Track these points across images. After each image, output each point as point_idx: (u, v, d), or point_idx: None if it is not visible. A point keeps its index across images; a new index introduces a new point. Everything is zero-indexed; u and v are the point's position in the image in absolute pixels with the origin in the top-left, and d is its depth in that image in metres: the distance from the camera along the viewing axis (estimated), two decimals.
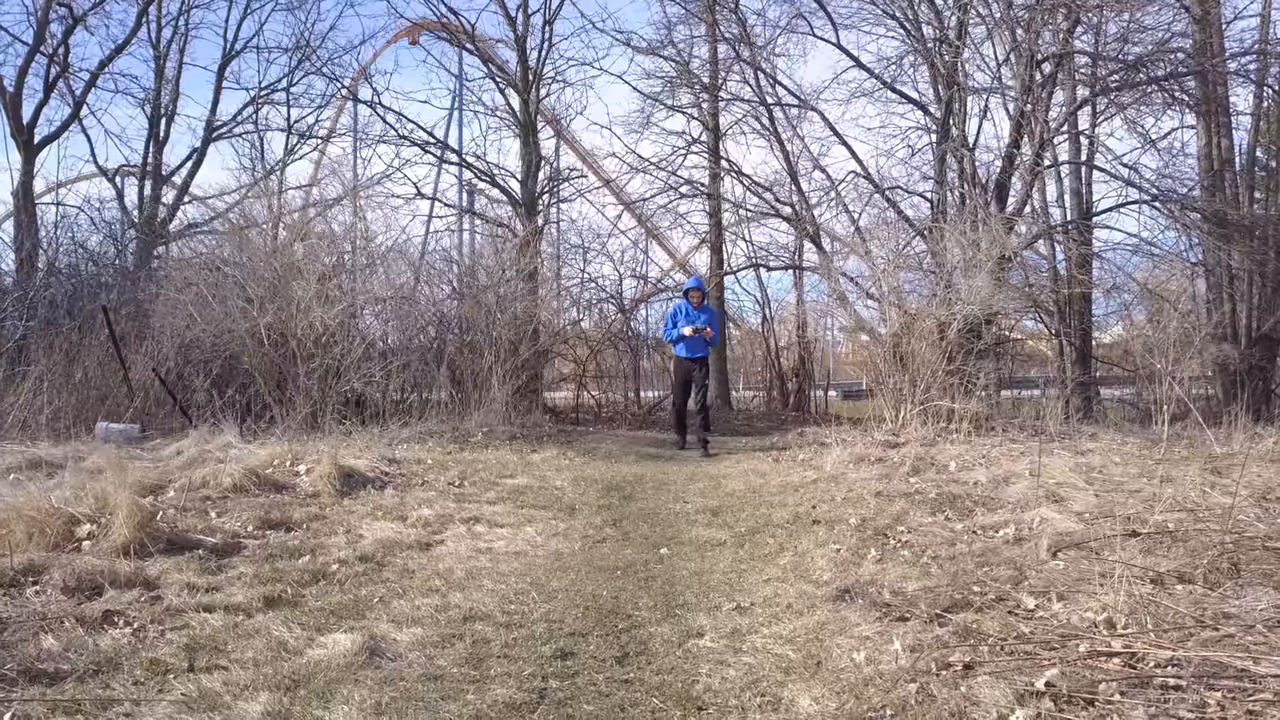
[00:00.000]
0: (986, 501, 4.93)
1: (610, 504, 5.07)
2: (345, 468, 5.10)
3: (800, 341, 16.02)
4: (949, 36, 11.30)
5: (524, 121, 14.03)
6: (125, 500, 3.12)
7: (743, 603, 3.07)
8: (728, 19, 13.71)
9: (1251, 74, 12.56)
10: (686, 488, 5.63)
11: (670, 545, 4.14)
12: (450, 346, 10.03)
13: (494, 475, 5.70)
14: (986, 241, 9.33)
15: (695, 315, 9.05)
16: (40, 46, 13.06)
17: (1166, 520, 4.21)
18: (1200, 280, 13.95)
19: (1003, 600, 2.81)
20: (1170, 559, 3.38)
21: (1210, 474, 5.80)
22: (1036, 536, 3.90)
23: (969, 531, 4.23)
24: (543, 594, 3.12)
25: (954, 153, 11.70)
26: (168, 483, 4.63)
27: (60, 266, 12.48)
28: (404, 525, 4.20)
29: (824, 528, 4.44)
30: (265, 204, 14.45)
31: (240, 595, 2.80)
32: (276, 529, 3.98)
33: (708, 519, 4.75)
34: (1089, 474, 5.66)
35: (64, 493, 4.03)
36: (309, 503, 4.55)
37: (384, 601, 2.93)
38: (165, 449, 6.22)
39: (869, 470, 5.86)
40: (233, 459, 5.33)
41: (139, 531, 3.08)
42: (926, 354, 8.85)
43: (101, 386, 8.46)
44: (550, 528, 4.40)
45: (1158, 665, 2.10)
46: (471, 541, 3.94)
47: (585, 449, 7.88)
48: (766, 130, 13.62)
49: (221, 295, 8.82)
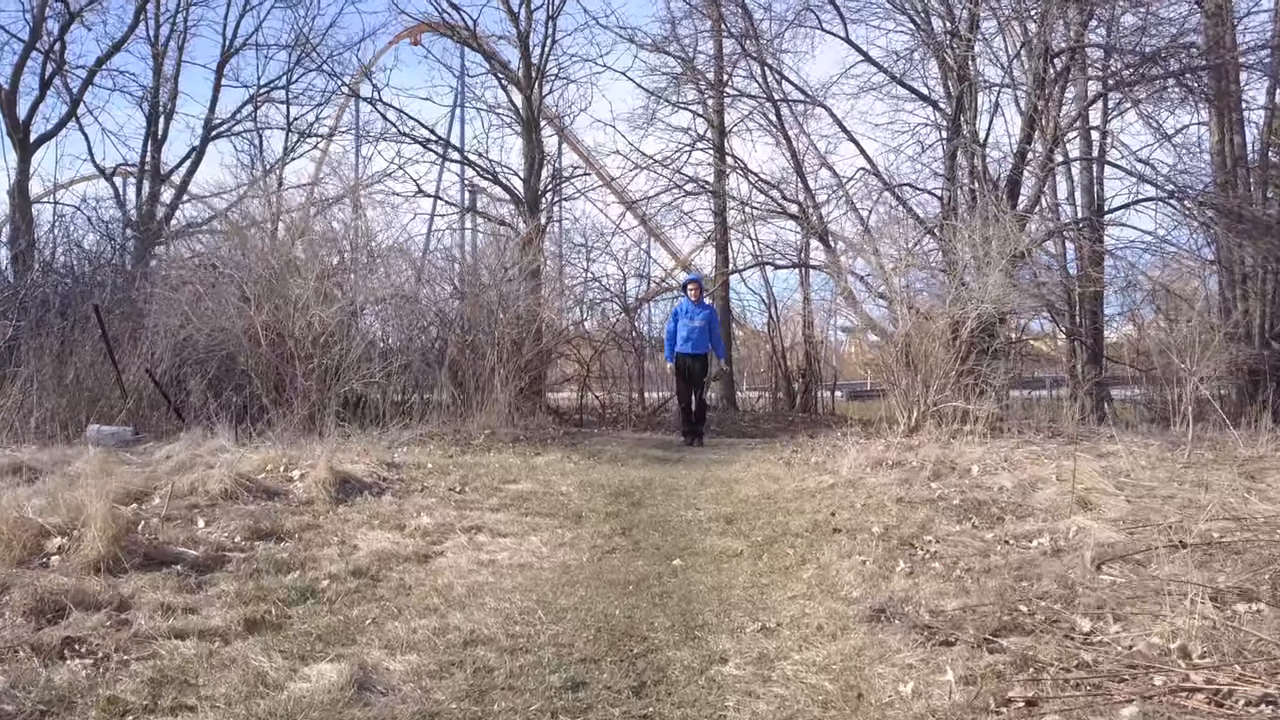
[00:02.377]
0: (1014, 508, 4.69)
1: (619, 511, 4.82)
2: (341, 473, 4.86)
3: (807, 341, 15.78)
4: (960, 30, 11.05)
5: (526, 119, 13.80)
6: (101, 511, 2.89)
7: (768, 623, 2.82)
8: (734, 13, 13.47)
9: (1267, 68, 12.32)
10: (698, 493, 5.39)
11: (684, 556, 3.90)
12: (452, 346, 9.79)
13: (497, 480, 5.45)
14: (999, 239, 9.09)
15: (695, 311, 9.06)
16: (36, 43, 12.83)
17: (1211, 529, 3.97)
18: (1212, 278, 13.70)
19: (1055, 622, 2.57)
20: (1227, 573, 3.13)
21: (1244, 479, 5.56)
22: (1076, 548, 3.66)
23: (1001, 541, 3.99)
24: (550, 613, 2.87)
25: (965, 149, 11.45)
26: (154, 489, 4.39)
27: (55, 265, 12.27)
28: (402, 535, 3.96)
29: (846, 537, 4.20)
30: (264, 202, 14.25)
31: (219, 618, 2.55)
32: (266, 539, 3.74)
33: (722, 527, 4.50)
34: (1117, 479, 5.41)
35: (39, 501, 3.80)
36: (302, 511, 4.31)
37: (377, 623, 2.68)
38: (156, 453, 5.97)
39: (888, 475, 5.62)
40: (224, 464, 5.08)
41: (113, 545, 2.84)
42: (939, 354, 8.64)
43: (94, 388, 8.22)
44: (556, 537, 4.16)
45: (1250, 703, 1.86)
46: (473, 553, 3.70)
47: (590, 451, 7.65)
48: (773, 127, 13.38)
49: (217, 294, 8.59)
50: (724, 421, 13.47)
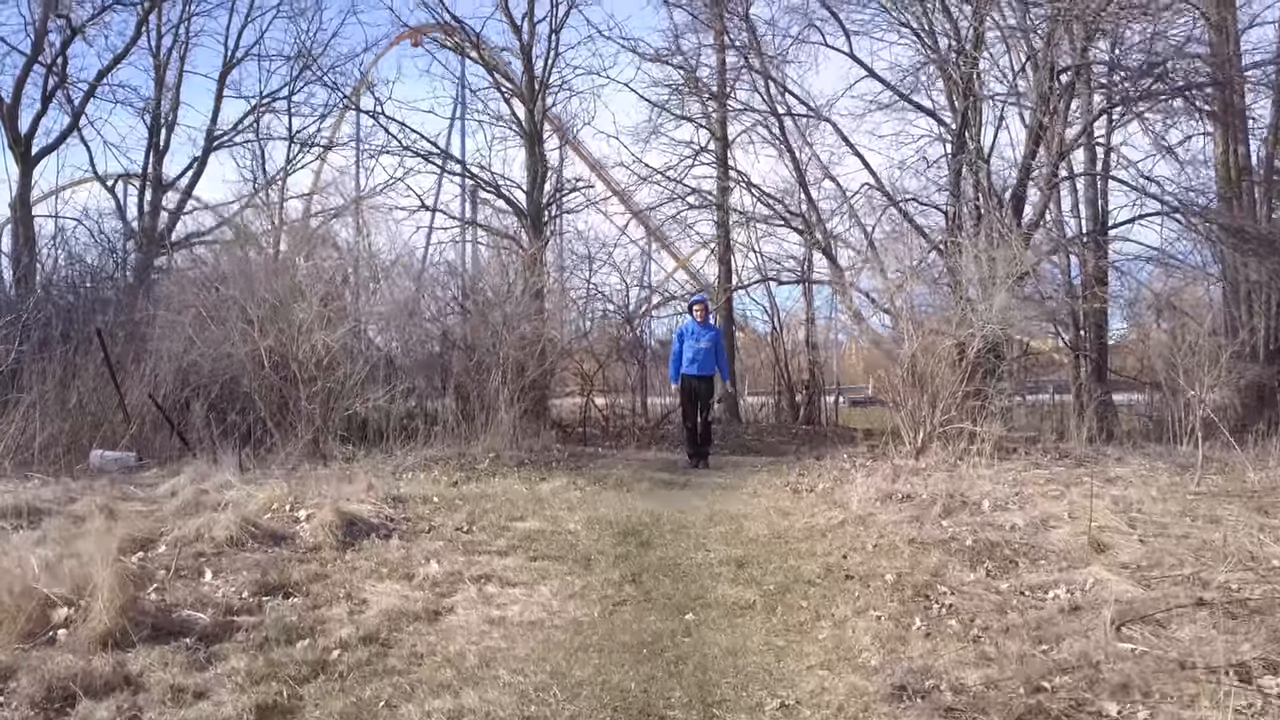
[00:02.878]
0: (1028, 551, 4.66)
1: (628, 553, 4.78)
2: (347, 514, 4.82)
3: (810, 353, 15.76)
4: (965, 49, 11.01)
5: (529, 131, 13.76)
6: (108, 581, 2.84)
7: (787, 699, 2.78)
8: (737, 26, 13.44)
9: (1272, 83, 12.29)
10: (707, 532, 5.34)
11: (696, 609, 3.85)
12: (456, 366, 9.76)
13: (504, 518, 5.41)
14: (1005, 259, 9.06)
15: (701, 333, 9.08)
16: (38, 57, 12.80)
17: (1229, 580, 3.93)
18: (1215, 288, 13.66)
19: (1081, 707, 2.53)
20: (1251, 640, 3.09)
21: (1256, 513, 5.53)
22: (1094, 604, 3.62)
23: (1017, 593, 3.95)
24: (565, 689, 2.82)
25: (970, 165, 11.41)
26: (159, 536, 4.35)
27: (57, 283, 12.24)
28: (410, 587, 3.92)
29: (859, 584, 4.17)
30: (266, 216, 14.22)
31: (230, 704, 2.50)
32: (274, 594, 3.70)
33: (733, 572, 4.46)
34: (1129, 514, 5.39)
35: (45, 551, 3.77)
36: (309, 558, 4.27)
37: (390, 706, 2.63)
38: (160, 486, 5.94)
39: (898, 510, 5.58)
40: (229, 502, 5.05)
41: (121, 617, 2.80)
42: (946, 374, 8.61)
43: (96, 411, 8.18)
44: (566, 585, 4.12)
45: None
46: (483, 608, 3.66)
47: (595, 476, 7.61)
48: (776, 139, 13.35)
49: (221, 316, 8.55)
50: (728, 435, 13.44)
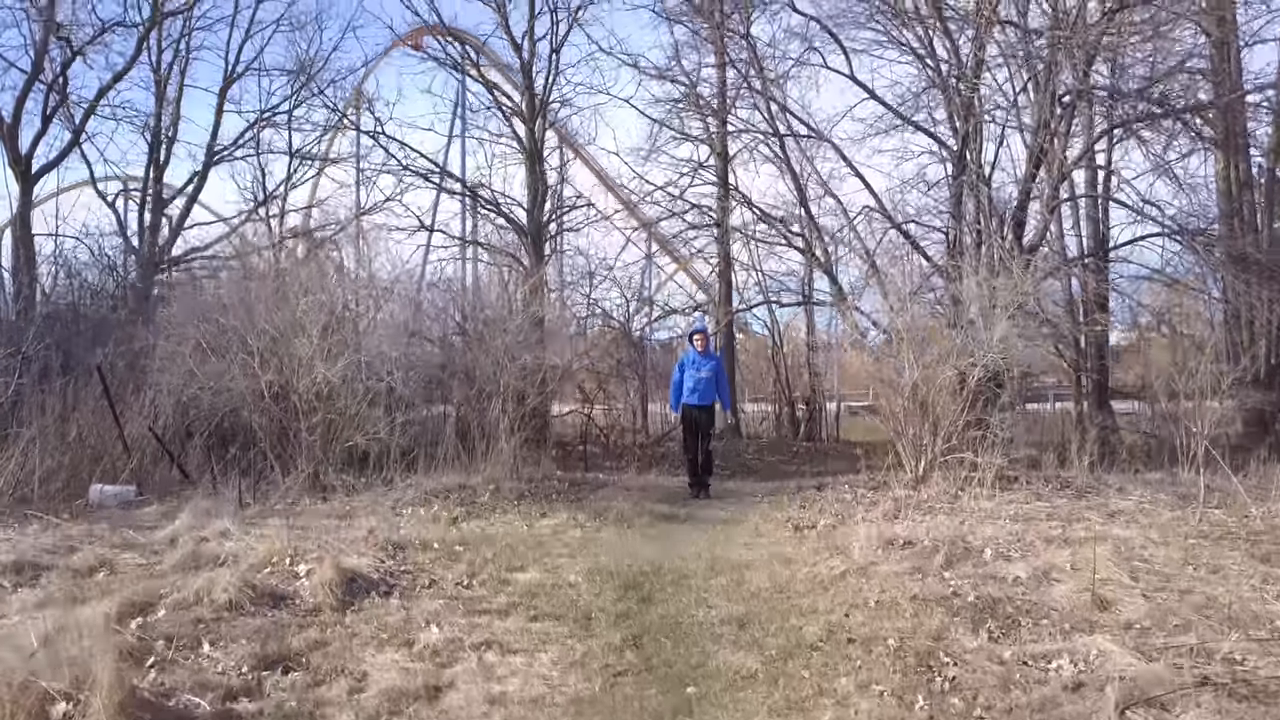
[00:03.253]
0: (1030, 609, 4.65)
1: (628, 610, 4.77)
2: (347, 570, 4.82)
3: (810, 376, 15.77)
4: (965, 73, 11.00)
5: (530, 149, 13.76)
6: (107, 677, 2.83)
7: None
8: (737, 45, 13.44)
9: (1273, 105, 12.31)
10: (708, 584, 5.33)
11: (698, 680, 3.84)
12: (457, 395, 9.75)
13: (503, 568, 5.42)
14: (1006, 287, 9.06)
15: (702, 362, 9.09)
16: (39, 76, 12.80)
17: (1234, 651, 3.92)
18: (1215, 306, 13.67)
19: None
20: None
21: (1259, 561, 5.54)
22: (1098, 681, 3.61)
23: (1019, 662, 3.94)
24: None
25: (971, 188, 11.40)
26: (159, 598, 4.35)
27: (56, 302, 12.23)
28: (410, 656, 3.91)
29: (861, 649, 4.16)
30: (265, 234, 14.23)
31: None
32: (274, 667, 3.70)
33: (734, 633, 4.45)
34: (1130, 561, 5.40)
35: (45, 621, 3.77)
36: (309, 621, 4.27)
37: None
38: (159, 531, 5.93)
39: (899, 559, 5.57)
40: (228, 556, 5.06)
41: (119, 714, 2.79)
42: (947, 403, 8.61)
43: (96, 445, 8.18)
44: (567, 652, 4.11)
45: None
46: (484, 684, 3.65)
47: (596, 510, 7.61)
48: (777, 158, 13.36)
49: (221, 348, 8.54)
50: (729, 452, 13.45)
